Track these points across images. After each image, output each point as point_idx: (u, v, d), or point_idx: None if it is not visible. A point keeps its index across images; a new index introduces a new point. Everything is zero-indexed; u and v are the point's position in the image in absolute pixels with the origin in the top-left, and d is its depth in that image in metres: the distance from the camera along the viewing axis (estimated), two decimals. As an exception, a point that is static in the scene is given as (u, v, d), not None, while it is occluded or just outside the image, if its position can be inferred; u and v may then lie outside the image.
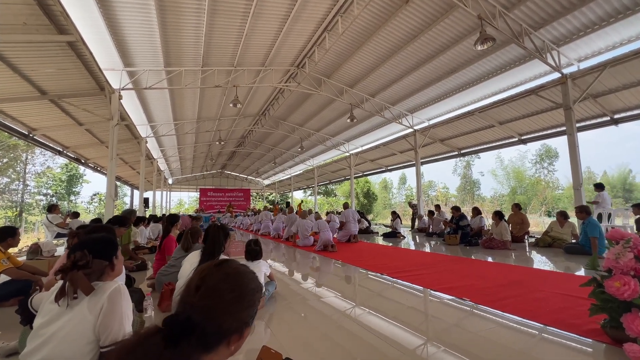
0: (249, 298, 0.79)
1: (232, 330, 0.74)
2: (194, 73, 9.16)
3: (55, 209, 7.11)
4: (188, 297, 0.74)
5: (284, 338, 2.18)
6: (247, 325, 0.79)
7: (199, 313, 0.69)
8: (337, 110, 12.91)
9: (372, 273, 4.20)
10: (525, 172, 34.72)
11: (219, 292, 0.74)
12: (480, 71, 8.70)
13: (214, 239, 2.49)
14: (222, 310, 0.72)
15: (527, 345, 1.95)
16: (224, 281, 0.77)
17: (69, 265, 1.27)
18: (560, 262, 4.76)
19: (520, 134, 10.72)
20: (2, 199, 31.38)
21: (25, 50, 5.69)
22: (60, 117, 8.73)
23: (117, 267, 1.49)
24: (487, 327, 2.22)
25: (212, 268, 0.80)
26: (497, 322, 2.32)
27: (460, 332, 2.17)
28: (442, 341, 2.03)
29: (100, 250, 1.40)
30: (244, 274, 0.83)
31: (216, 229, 2.58)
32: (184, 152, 19.76)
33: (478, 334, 2.11)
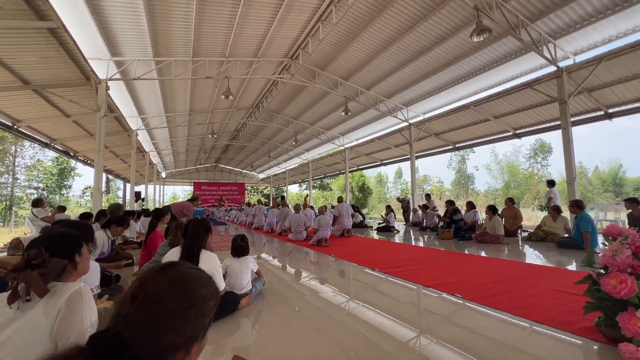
0: (198, 307, 0.66)
1: (174, 347, 0.60)
2: (185, 64, 8.91)
3: (41, 203, 6.90)
4: (122, 309, 0.61)
5: (272, 336, 2.09)
6: (196, 340, 0.65)
7: (132, 328, 0.57)
8: (331, 103, 12.75)
9: (364, 268, 4.13)
10: (519, 166, 35.03)
11: (159, 301, 0.61)
12: (476, 64, 8.59)
13: (194, 233, 2.37)
14: (161, 323, 0.60)
15: (519, 343, 1.89)
16: (167, 288, 0.64)
17: (21, 264, 1.15)
18: (553, 257, 4.74)
19: (515, 128, 10.69)
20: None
21: (4, 37, 5.44)
22: (45, 108, 8.45)
23: (82, 266, 1.37)
24: (479, 324, 2.16)
25: (153, 273, 0.67)
26: (488, 319, 2.26)
27: (451, 330, 2.10)
28: (432, 339, 1.96)
29: (58, 247, 1.27)
30: (193, 278, 0.70)
31: (196, 223, 2.46)
32: (177, 145, 19.46)
33: (469, 332, 2.04)
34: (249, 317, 2.50)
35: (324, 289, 3.22)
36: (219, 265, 2.30)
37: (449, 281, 3.28)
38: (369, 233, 9.23)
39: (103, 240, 3.10)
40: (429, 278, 3.43)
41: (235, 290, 2.64)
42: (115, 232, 3.36)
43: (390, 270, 3.89)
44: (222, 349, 2.01)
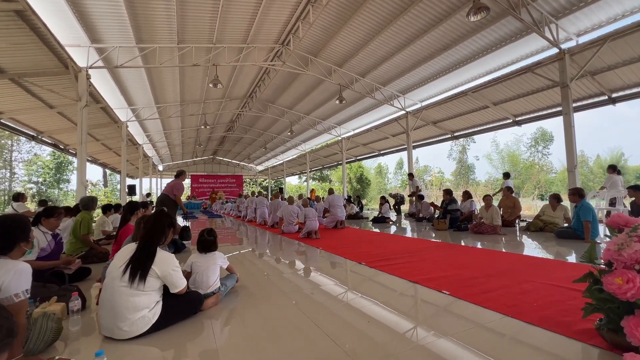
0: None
1: None
2: (170, 51, 8.56)
3: (22, 197, 6.70)
4: None
5: (240, 338, 1.86)
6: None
7: None
8: (326, 92, 12.39)
9: (350, 262, 3.91)
10: (520, 156, 34.65)
11: None
12: (474, 48, 8.22)
13: (154, 228, 2.13)
14: None
15: (507, 349, 1.66)
16: None
17: None
18: (551, 248, 4.50)
19: (515, 115, 10.35)
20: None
21: (-30, 21, 5.12)
22: (26, 99, 8.16)
23: None
24: (464, 327, 1.92)
25: None
26: (475, 321, 2.02)
27: (429, 335, 1.87)
28: (403, 349, 1.72)
29: None
30: None
31: (159, 216, 2.21)
32: (171, 137, 19.16)
33: (451, 336, 1.81)
34: (215, 318, 2.27)
35: (302, 286, 2.99)
36: (175, 266, 2.05)
37: (438, 276, 3.04)
38: (364, 224, 9.01)
39: (38, 238, 2.84)
40: (417, 272, 3.20)
41: (201, 289, 2.41)
42: (50, 225, 3.10)
43: (376, 264, 3.66)
44: (182, 354, 1.79)
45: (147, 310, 1.91)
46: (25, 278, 1.61)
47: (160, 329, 1.98)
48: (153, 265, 1.94)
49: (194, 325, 2.12)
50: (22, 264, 1.62)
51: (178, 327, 2.07)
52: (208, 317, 2.27)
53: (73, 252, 4.20)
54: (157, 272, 1.95)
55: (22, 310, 1.58)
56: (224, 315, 2.32)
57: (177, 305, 2.08)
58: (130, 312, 1.84)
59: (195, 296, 2.24)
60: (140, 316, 1.88)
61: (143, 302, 1.89)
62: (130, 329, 1.85)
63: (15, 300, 1.53)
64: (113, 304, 1.85)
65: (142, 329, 1.88)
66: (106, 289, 1.92)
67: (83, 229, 4.20)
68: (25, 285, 1.60)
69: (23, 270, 1.60)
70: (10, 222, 1.67)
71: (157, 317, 1.95)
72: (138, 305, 1.87)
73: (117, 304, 1.84)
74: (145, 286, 1.90)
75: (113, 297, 1.86)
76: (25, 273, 1.61)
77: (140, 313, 1.88)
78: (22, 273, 1.59)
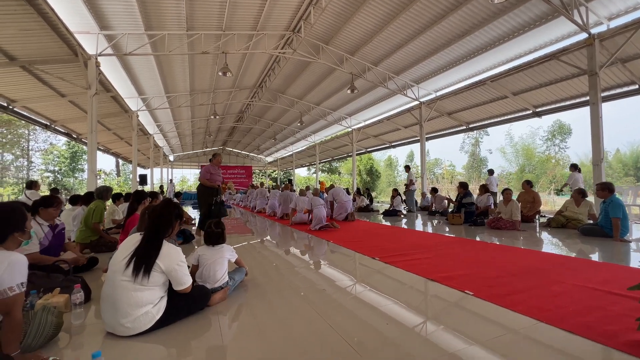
0: None
1: None
2: (179, 38, 8.40)
3: (35, 185, 6.72)
4: None
5: (249, 335, 1.73)
6: None
7: None
8: (337, 81, 12.08)
9: (363, 256, 3.75)
10: (535, 149, 33.60)
11: None
12: (495, 34, 7.78)
13: (162, 216, 2.00)
14: None
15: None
16: None
17: None
18: (577, 246, 4.24)
19: (535, 105, 9.88)
20: (8, 176, 31.59)
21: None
22: (38, 87, 8.17)
23: None
24: (494, 333, 1.74)
25: None
26: (506, 326, 1.84)
27: (457, 341, 1.70)
28: (435, 352, 1.56)
29: None
30: None
31: (166, 206, 2.08)
32: (182, 127, 19.19)
33: (483, 344, 1.63)
34: (223, 313, 2.15)
35: (313, 280, 2.85)
36: (181, 261, 1.92)
37: (458, 274, 2.86)
38: (375, 217, 8.82)
39: (35, 231, 2.71)
40: (435, 269, 3.02)
41: (208, 284, 2.29)
42: (48, 216, 2.96)
43: (391, 259, 3.49)
44: (187, 352, 1.68)
45: (151, 306, 1.80)
46: (20, 270, 1.49)
47: (165, 326, 1.87)
48: (158, 260, 1.82)
49: (200, 322, 2.01)
50: (16, 255, 1.51)
51: (184, 323, 1.96)
52: (215, 313, 2.15)
53: (82, 240, 4.17)
54: (162, 267, 1.83)
55: (18, 305, 1.47)
56: (232, 311, 2.20)
57: (183, 301, 1.96)
58: (132, 308, 1.73)
59: (202, 291, 2.13)
60: (144, 312, 1.76)
61: (146, 298, 1.78)
62: (132, 326, 1.74)
63: (9, 294, 1.42)
64: (114, 299, 1.74)
65: (146, 326, 1.77)
66: (108, 282, 1.81)
67: (95, 217, 4.16)
68: (20, 278, 1.48)
69: (17, 262, 1.49)
70: (1, 211, 1.56)
71: (162, 313, 1.84)
72: (141, 301, 1.76)
73: (118, 299, 1.73)
74: (149, 281, 1.78)
75: (114, 292, 1.74)
76: (19, 265, 1.50)
77: (143, 309, 1.76)
78: (16, 265, 1.47)
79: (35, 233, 2.73)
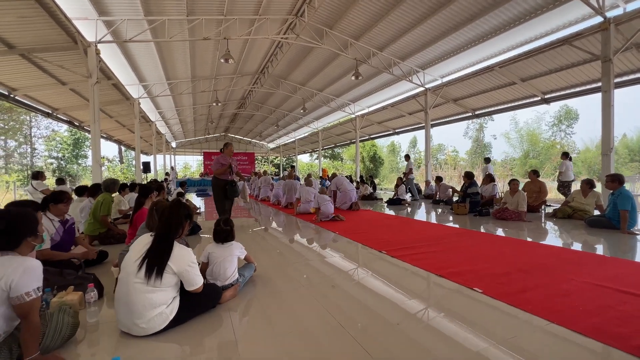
0: None
1: None
2: (180, 24, 8.19)
3: (41, 175, 6.74)
4: None
5: (260, 331, 1.76)
6: None
7: None
8: (341, 67, 11.82)
9: (370, 250, 3.76)
10: (540, 135, 33.14)
11: None
12: (505, 17, 7.51)
13: (171, 218, 1.99)
14: None
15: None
16: None
17: None
18: (585, 238, 4.23)
19: (544, 92, 9.65)
20: (12, 163, 31.74)
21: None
22: (38, 76, 8.05)
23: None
24: (508, 333, 1.75)
25: None
26: (518, 326, 1.85)
27: (471, 341, 1.71)
28: (446, 354, 1.57)
29: None
30: None
31: (176, 206, 2.07)
32: (184, 114, 19.03)
33: (496, 345, 1.64)
34: (234, 310, 2.19)
35: (323, 275, 2.87)
36: (192, 262, 1.93)
37: (466, 269, 2.86)
38: (379, 206, 8.82)
39: (46, 227, 2.72)
40: (442, 264, 3.02)
41: (219, 281, 2.31)
42: (58, 211, 2.97)
43: (398, 253, 3.50)
44: (200, 349, 1.71)
45: (165, 307, 1.82)
46: (36, 275, 1.51)
47: (179, 325, 1.90)
48: (169, 261, 1.83)
49: (212, 319, 2.04)
50: (31, 260, 1.52)
51: (196, 321, 1.99)
52: (227, 310, 2.19)
53: (91, 233, 4.21)
54: (174, 269, 1.84)
55: (35, 309, 1.49)
56: (242, 307, 2.23)
57: (196, 300, 1.99)
58: (147, 310, 1.75)
59: (214, 290, 2.15)
60: (158, 313, 1.79)
61: (160, 299, 1.80)
62: (147, 326, 1.77)
63: (26, 299, 1.43)
64: (129, 301, 1.76)
65: (160, 326, 1.80)
66: (121, 284, 1.83)
67: (103, 210, 4.18)
68: (36, 282, 1.50)
69: (33, 268, 1.50)
70: (14, 216, 1.55)
71: (175, 313, 1.86)
72: (155, 302, 1.78)
73: (133, 301, 1.75)
74: (161, 282, 1.79)
75: (128, 293, 1.76)
76: (35, 270, 1.51)
77: (157, 310, 1.78)
78: (32, 270, 1.49)
79: (47, 229, 2.74)
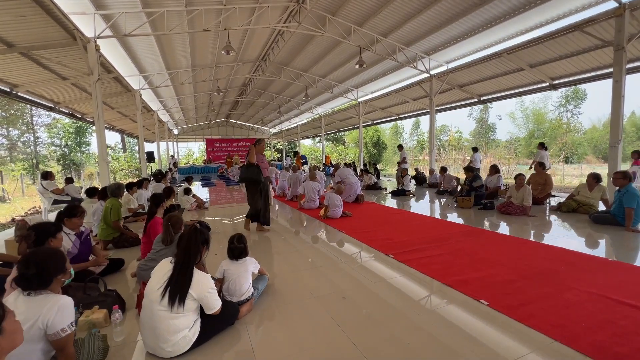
0: None
1: None
2: (179, 15, 7.98)
3: (50, 175, 6.83)
4: None
5: (276, 340, 1.89)
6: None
7: None
8: (344, 53, 11.56)
9: (378, 253, 3.85)
10: (546, 114, 32.53)
11: None
12: (515, 2, 7.23)
13: (190, 247, 2.03)
14: None
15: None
16: None
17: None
18: (590, 237, 4.28)
19: (553, 77, 9.42)
20: (17, 152, 31.93)
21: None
22: (39, 72, 7.98)
23: None
24: (513, 354, 1.85)
25: None
26: (522, 345, 1.94)
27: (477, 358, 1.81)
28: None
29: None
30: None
31: (193, 234, 2.11)
32: (185, 102, 18.87)
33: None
34: (250, 323, 2.31)
35: (331, 285, 2.97)
36: (211, 288, 2.02)
37: (472, 277, 2.95)
38: (384, 198, 8.88)
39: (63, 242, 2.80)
40: (449, 271, 3.11)
41: (235, 297, 2.42)
42: (73, 225, 3.07)
43: (405, 257, 3.59)
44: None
45: (187, 330, 1.93)
46: (69, 312, 1.61)
47: (200, 345, 2.02)
48: (190, 289, 1.92)
49: (231, 334, 2.17)
50: (63, 299, 1.61)
51: (216, 338, 2.12)
52: (243, 323, 2.31)
53: (105, 238, 4.33)
54: (194, 295, 1.93)
55: (70, 342, 1.60)
56: (258, 320, 2.36)
57: (215, 321, 2.10)
58: (171, 334, 1.86)
59: (232, 309, 2.25)
60: (182, 337, 1.90)
61: (183, 324, 1.90)
62: (173, 349, 1.88)
63: (62, 335, 1.54)
64: (154, 326, 1.86)
65: (185, 348, 1.92)
66: (145, 310, 1.93)
67: (113, 216, 4.28)
68: (69, 318, 1.60)
69: (66, 305, 1.60)
70: (43, 258, 1.63)
71: (197, 335, 1.97)
72: (178, 327, 1.88)
73: (157, 326, 1.85)
74: (184, 309, 1.89)
75: (153, 320, 1.86)
76: (68, 307, 1.61)
77: (181, 334, 1.89)
78: (65, 308, 1.58)
79: (64, 247, 2.84)
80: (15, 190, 15.67)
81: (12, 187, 15.98)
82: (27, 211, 10.42)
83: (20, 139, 32.64)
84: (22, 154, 32.35)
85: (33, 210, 10.53)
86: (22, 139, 32.74)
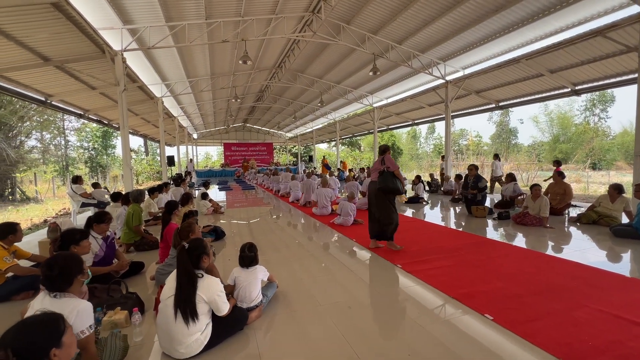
0: None
1: None
2: (199, 27, 8.35)
3: (80, 179, 7.28)
4: None
5: (284, 346, 1.99)
6: None
7: None
8: (359, 60, 11.66)
9: (386, 262, 3.89)
10: (572, 118, 31.14)
11: None
12: (533, 7, 7.11)
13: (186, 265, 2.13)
14: None
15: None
16: None
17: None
18: (609, 253, 4.13)
19: (575, 83, 9.13)
20: (49, 154, 33.90)
21: (13, 14, 5.24)
22: (71, 83, 8.55)
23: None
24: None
25: None
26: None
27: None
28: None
29: (27, 348, 1.20)
30: None
31: (192, 247, 2.21)
32: (204, 108, 19.50)
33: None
34: (259, 328, 2.42)
35: (340, 290, 3.05)
36: (220, 291, 2.16)
37: (479, 290, 2.95)
38: (397, 204, 8.82)
39: (91, 244, 3.03)
40: (456, 283, 3.12)
41: (245, 303, 2.54)
42: (100, 230, 3.32)
43: (413, 267, 3.62)
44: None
45: (199, 334, 2.06)
46: (87, 316, 1.77)
47: (211, 348, 2.15)
48: (199, 292, 2.06)
49: (240, 339, 2.28)
50: (83, 303, 1.78)
51: (225, 342, 2.24)
52: (252, 329, 2.43)
53: (127, 241, 4.60)
54: (204, 298, 2.08)
55: (91, 341, 1.77)
56: (266, 325, 2.47)
57: (225, 325, 2.23)
58: (185, 337, 2.00)
59: (241, 315, 2.38)
60: (194, 339, 2.03)
61: (196, 328, 2.04)
62: (186, 351, 2.02)
63: (81, 337, 1.70)
64: (168, 330, 2.01)
65: (197, 350, 2.06)
66: (161, 314, 2.08)
67: (135, 221, 4.55)
68: (88, 321, 1.76)
69: (85, 310, 1.76)
70: (64, 260, 1.83)
71: (209, 338, 2.11)
72: (192, 331, 2.02)
73: (172, 330, 2.00)
74: (198, 313, 2.03)
75: (168, 324, 2.01)
76: (86, 311, 1.77)
77: (194, 337, 2.03)
78: (84, 312, 1.75)
79: (92, 249, 3.09)
80: (47, 192, 16.65)
81: (44, 189, 17.00)
82: (58, 212, 11.08)
83: (52, 142, 34.56)
84: (54, 156, 34.28)
85: (63, 211, 11.18)
86: (54, 142, 34.65)
